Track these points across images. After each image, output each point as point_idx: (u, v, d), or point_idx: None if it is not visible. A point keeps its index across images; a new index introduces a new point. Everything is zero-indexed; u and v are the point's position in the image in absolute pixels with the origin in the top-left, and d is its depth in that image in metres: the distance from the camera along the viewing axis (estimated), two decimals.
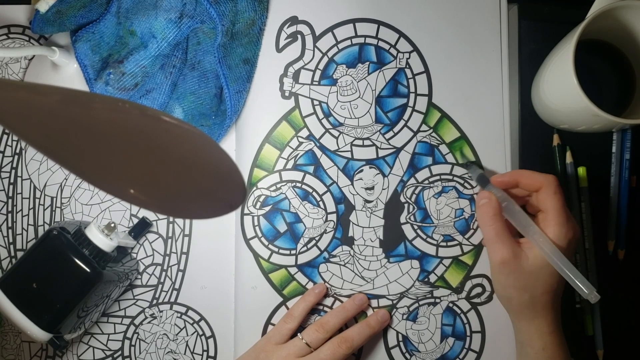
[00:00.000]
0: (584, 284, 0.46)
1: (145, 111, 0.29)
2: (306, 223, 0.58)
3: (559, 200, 0.49)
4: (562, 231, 0.49)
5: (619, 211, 0.59)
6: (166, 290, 0.60)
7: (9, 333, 0.61)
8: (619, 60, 0.56)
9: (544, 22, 0.59)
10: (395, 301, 0.58)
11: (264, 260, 0.58)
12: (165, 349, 0.60)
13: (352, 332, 0.55)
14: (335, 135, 0.58)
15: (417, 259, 0.58)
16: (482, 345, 0.57)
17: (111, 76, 0.54)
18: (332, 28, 0.59)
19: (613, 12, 0.50)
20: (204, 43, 0.57)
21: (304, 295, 0.57)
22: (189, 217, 0.59)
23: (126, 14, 0.55)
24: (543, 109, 0.57)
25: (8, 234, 0.61)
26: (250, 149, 0.59)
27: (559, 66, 0.52)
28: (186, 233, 0.60)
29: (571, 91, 0.50)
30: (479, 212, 0.51)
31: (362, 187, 0.58)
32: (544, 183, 0.50)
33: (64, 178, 0.61)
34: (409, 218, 0.58)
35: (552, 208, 0.49)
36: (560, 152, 0.59)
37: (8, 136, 0.62)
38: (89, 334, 0.60)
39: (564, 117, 0.55)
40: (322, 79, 0.59)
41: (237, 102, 0.57)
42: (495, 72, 0.59)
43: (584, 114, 0.50)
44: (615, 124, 0.50)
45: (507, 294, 0.51)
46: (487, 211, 0.50)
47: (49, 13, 0.51)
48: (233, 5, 0.53)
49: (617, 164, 0.59)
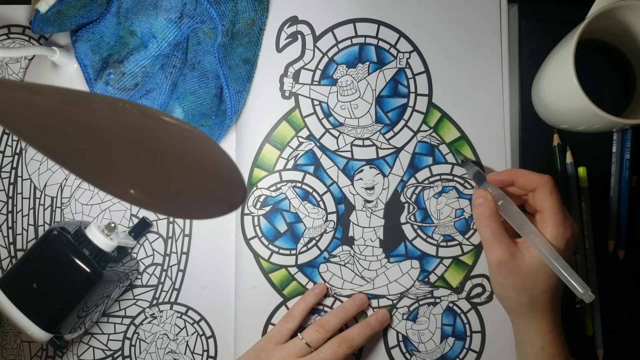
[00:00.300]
0: (578, 283, 0.46)
1: (145, 111, 0.29)
2: (306, 223, 0.58)
3: (554, 200, 0.49)
4: (560, 231, 0.49)
5: (619, 211, 0.59)
6: (166, 290, 0.60)
7: (9, 333, 0.61)
8: (619, 60, 0.56)
9: (544, 22, 0.59)
10: (395, 301, 0.58)
11: (264, 260, 0.58)
12: (166, 349, 0.60)
13: (353, 332, 0.55)
14: (335, 135, 0.58)
15: (417, 259, 0.58)
16: (482, 345, 0.57)
17: (111, 76, 0.54)
18: (332, 28, 0.59)
19: (613, 12, 0.50)
20: (204, 43, 0.57)
21: (304, 295, 0.57)
22: (189, 218, 0.59)
23: (126, 14, 0.55)
24: (543, 109, 0.57)
25: (8, 234, 0.61)
26: (250, 149, 0.59)
27: (559, 66, 0.52)
28: (186, 233, 0.60)
29: (571, 91, 0.50)
30: (476, 212, 0.51)
31: (362, 187, 0.58)
32: (540, 183, 0.50)
33: (64, 178, 0.61)
34: (409, 218, 0.58)
35: (549, 208, 0.49)
36: (561, 152, 0.59)
37: (8, 136, 0.62)
38: (89, 334, 0.60)
39: (564, 117, 0.55)
40: (322, 79, 0.59)
41: (237, 102, 0.57)
42: (495, 72, 0.59)
43: (584, 114, 0.50)
44: (616, 124, 0.50)
45: (506, 294, 0.51)
46: (483, 211, 0.50)
47: (49, 13, 0.51)
48: (233, 5, 0.53)
49: (617, 164, 0.59)
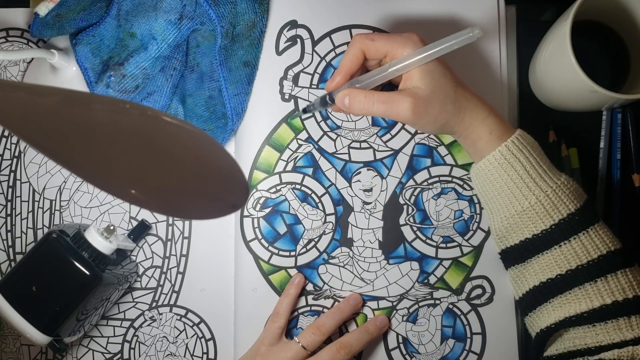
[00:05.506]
0: (461, 35, 0.47)
1: (145, 112, 0.29)
2: (305, 224, 0.58)
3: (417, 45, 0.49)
4: (429, 64, 0.49)
5: (611, 191, 0.59)
6: (166, 292, 0.60)
7: (9, 336, 0.61)
8: (613, 39, 0.57)
9: (541, 23, 0.60)
10: (395, 303, 0.58)
11: (263, 262, 0.58)
12: (165, 352, 0.60)
13: (351, 337, 0.55)
14: (333, 137, 0.59)
15: (416, 260, 0.58)
16: (483, 347, 0.57)
17: (112, 79, 0.54)
18: (330, 33, 0.59)
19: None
20: (203, 45, 0.57)
21: (285, 289, 0.57)
22: (191, 218, 0.59)
23: (126, 16, 0.55)
24: (540, 90, 0.58)
25: (7, 237, 0.61)
26: (250, 151, 0.59)
27: (556, 45, 0.53)
28: (186, 235, 0.60)
29: (568, 68, 0.50)
30: (357, 109, 0.50)
31: (360, 189, 0.58)
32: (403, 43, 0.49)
33: (63, 181, 0.61)
34: (408, 220, 0.58)
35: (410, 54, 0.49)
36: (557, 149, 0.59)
37: (7, 139, 0.62)
38: (88, 337, 0.60)
39: (562, 95, 0.56)
40: (320, 82, 0.59)
41: (237, 105, 0.57)
42: (494, 74, 0.59)
43: (582, 91, 0.51)
44: (615, 100, 0.51)
45: (440, 122, 0.50)
46: (360, 99, 0.50)
47: (48, 16, 0.51)
48: (232, 7, 0.54)
49: (606, 143, 0.59)
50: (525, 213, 0.50)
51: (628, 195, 0.59)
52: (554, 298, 0.51)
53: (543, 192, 0.49)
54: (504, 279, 0.57)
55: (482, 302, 0.58)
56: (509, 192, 0.51)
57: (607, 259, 0.48)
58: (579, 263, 0.49)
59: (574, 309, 0.49)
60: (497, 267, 0.57)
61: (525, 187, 0.50)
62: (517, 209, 0.51)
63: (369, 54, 0.51)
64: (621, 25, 0.56)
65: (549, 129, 0.59)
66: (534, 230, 0.50)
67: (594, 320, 0.48)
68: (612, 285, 0.48)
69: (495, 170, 0.51)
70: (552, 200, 0.49)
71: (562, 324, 0.50)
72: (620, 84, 0.57)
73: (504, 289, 0.58)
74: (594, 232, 0.49)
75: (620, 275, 0.48)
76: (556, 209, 0.49)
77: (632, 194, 0.59)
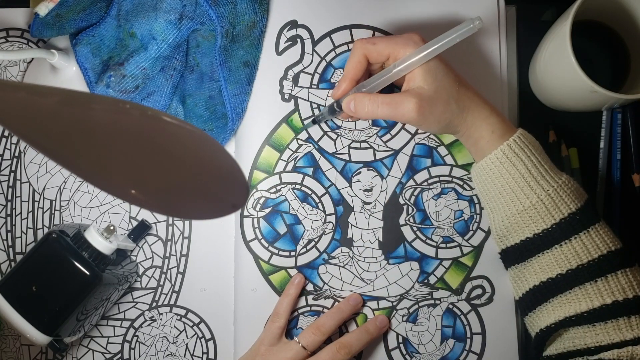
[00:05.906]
0: (462, 27, 0.47)
1: (145, 112, 0.29)
2: (305, 225, 0.58)
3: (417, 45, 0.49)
4: (431, 64, 0.49)
5: (611, 191, 0.59)
6: (166, 292, 0.60)
7: (9, 336, 0.61)
8: (613, 39, 0.57)
9: (541, 23, 0.60)
10: (395, 303, 0.58)
11: (263, 262, 0.58)
12: (165, 352, 0.60)
13: (351, 337, 0.55)
14: (333, 137, 0.59)
15: (416, 260, 0.58)
16: (483, 347, 0.57)
17: (112, 79, 0.54)
18: (330, 33, 0.59)
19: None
20: (203, 45, 0.57)
21: (285, 289, 0.57)
22: (191, 218, 0.59)
23: (126, 17, 0.55)
24: (540, 90, 0.58)
25: (7, 237, 0.61)
26: (250, 151, 0.59)
27: (556, 45, 0.53)
28: (186, 235, 0.60)
29: (568, 68, 0.50)
30: (363, 113, 0.51)
31: (360, 189, 0.58)
32: (404, 44, 0.49)
33: (63, 181, 0.61)
34: (408, 220, 0.58)
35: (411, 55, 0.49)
36: (557, 149, 0.59)
37: (7, 139, 0.62)
38: (88, 337, 0.60)
39: (562, 95, 0.56)
40: (321, 82, 0.59)
41: (236, 105, 0.57)
42: (494, 74, 0.59)
43: (582, 91, 0.51)
44: (615, 100, 0.51)
45: (444, 121, 0.51)
46: (365, 103, 0.50)
47: (48, 16, 0.51)
48: (232, 7, 0.54)
49: (606, 143, 0.59)
50: (527, 212, 0.50)
51: (628, 195, 0.59)
52: (554, 298, 0.51)
53: (544, 191, 0.49)
54: (504, 279, 0.57)
55: (482, 302, 0.58)
56: (511, 190, 0.51)
57: (608, 259, 0.48)
58: (580, 262, 0.49)
59: (574, 308, 0.49)
60: (497, 267, 0.57)
61: (526, 186, 0.50)
62: (518, 208, 0.51)
63: (372, 57, 0.51)
64: (621, 25, 0.56)
65: (549, 129, 0.59)
66: (535, 230, 0.50)
67: (594, 320, 0.48)
68: (612, 285, 0.48)
69: (497, 169, 0.51)
70: (554, 199, 0.49)
71: (562, 323, 0.50)
72: (620, 84, 0.57)
73: (504, 289, 0.58)
74: (594, 231, 0.49)
75: (621, 275, 0.48)
76: (557, 208, 0.49)
77: (632, 194, 0.59)
